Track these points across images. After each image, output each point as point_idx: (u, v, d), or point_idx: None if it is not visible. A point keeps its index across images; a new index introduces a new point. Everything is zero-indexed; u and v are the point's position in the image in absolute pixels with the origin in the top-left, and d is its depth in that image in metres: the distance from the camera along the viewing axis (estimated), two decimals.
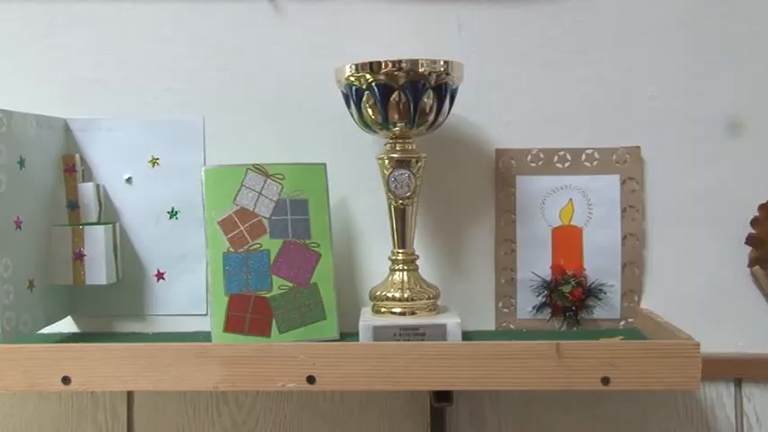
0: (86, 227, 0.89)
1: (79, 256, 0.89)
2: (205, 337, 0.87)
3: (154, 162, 0.94)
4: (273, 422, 0.93)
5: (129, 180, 0.94)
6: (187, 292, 0.94)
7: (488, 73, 0.91)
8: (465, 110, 0.90)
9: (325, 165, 0.88)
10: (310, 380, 0.74)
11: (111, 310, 0.94)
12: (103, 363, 0.76)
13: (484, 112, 0.91)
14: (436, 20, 0.91)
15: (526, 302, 0.90)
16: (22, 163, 0.84)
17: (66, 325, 0.94)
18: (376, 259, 0.91)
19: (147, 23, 0.94)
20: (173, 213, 0.94)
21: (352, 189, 0.92)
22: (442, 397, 0.76)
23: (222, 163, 0.90)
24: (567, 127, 0.91)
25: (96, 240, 0.89)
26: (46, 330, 0.89)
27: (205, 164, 0.93)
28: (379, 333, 0.78)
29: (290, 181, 0.86)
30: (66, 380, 0.76)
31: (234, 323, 0.83)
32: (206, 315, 0.94)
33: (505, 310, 0.91)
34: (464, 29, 0.92)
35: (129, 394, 0.94)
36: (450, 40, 0.91)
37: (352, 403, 0.92)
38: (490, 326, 0.91)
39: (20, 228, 0.83)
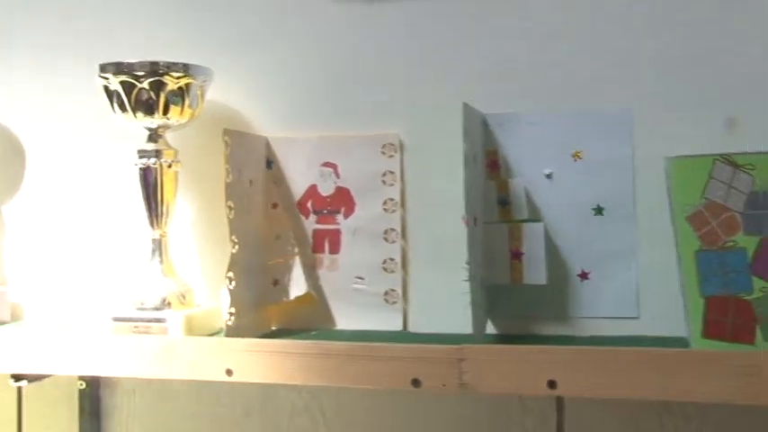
0: (525, 224, 0.86)
1: (516, 255, 0.86)
2: (651, 342, 0.81)
3: (577, 156, 0.90)
4: None
5: (549, 176, 0.90)
6: (615, 293, 0.88)
7: None
8: None
9: None
10: None
11: (530, 310, 0.90)
12: (588, 367, 0.72)
13: None
14: None
15: None
16: (474, 158, 0.82)
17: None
18: None
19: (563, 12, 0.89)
20: (598, 210, 0.89)
21: None
22: None
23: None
24: None
25: (536, 238, 0.85)
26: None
27: (634, 157, 0.88)
28: None
29: (762, 172, 0.78)
30: (551, 384, 0.72)
31: (714, 328, 0.75)
32: (637, 318, 0.87)
33: None
34: None
35: (559, 399, 0.89)
36: None
37: None
38: None
39: (475, 224, 0.81)
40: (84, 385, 1.03)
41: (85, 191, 1.03)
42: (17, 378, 0.87)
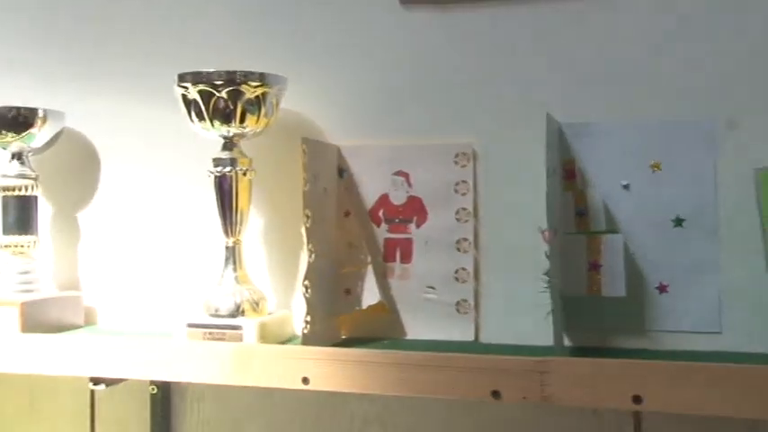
0: (604, 235, 0.84)
1: (595, 266, 0.84)
2: (736, 357, 0.79)
3: (655, 167, 0.88)
4: None
5: (626, 186, 0.89)
6: (695, 307, 0.86)
7: None
8: None
9: None
10: None
11: (607, 323, 0.88)
12: (674, 383, 0.70)
13: None
14: None
15: None
16: (554, 170, 0.81)
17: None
18: None
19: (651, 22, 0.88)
20: (677, 222, 0.87)
21: None
22: None
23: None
24: None
25: (615, 249, 0.84)
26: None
27: (716, 168, 0.86)
28: None
29: None
30: (636, 399, 0.71)
31: None
32: (719, 333, 0.85)
33: None
34: None
35: (636, 414, 0.88)
36: None
37: None
38: None
39: (555, 235, 0.80)
40: (155, 390, 1.04)
41: (160, 198, 1.04)
42: (96, 382, 0.88)
